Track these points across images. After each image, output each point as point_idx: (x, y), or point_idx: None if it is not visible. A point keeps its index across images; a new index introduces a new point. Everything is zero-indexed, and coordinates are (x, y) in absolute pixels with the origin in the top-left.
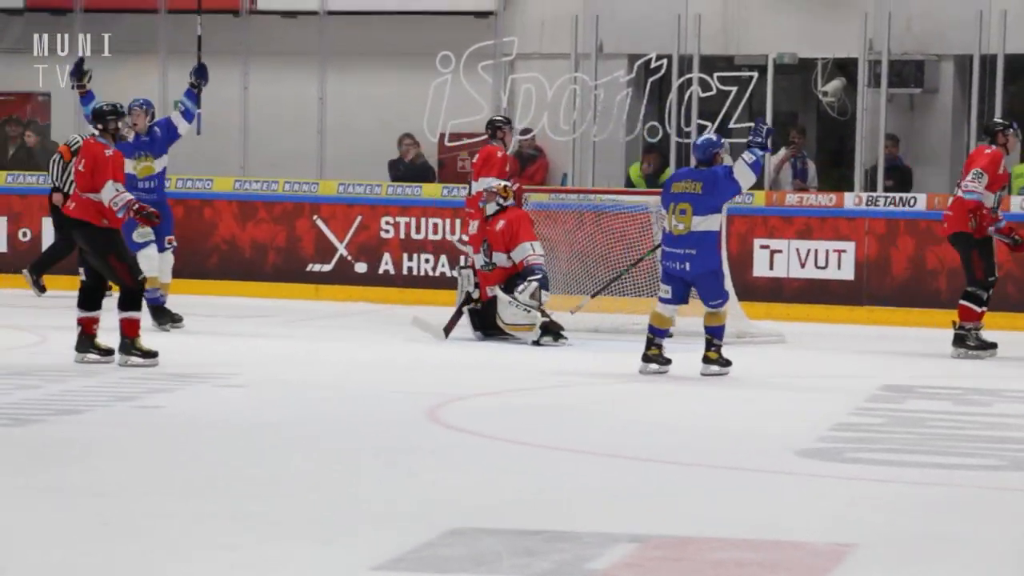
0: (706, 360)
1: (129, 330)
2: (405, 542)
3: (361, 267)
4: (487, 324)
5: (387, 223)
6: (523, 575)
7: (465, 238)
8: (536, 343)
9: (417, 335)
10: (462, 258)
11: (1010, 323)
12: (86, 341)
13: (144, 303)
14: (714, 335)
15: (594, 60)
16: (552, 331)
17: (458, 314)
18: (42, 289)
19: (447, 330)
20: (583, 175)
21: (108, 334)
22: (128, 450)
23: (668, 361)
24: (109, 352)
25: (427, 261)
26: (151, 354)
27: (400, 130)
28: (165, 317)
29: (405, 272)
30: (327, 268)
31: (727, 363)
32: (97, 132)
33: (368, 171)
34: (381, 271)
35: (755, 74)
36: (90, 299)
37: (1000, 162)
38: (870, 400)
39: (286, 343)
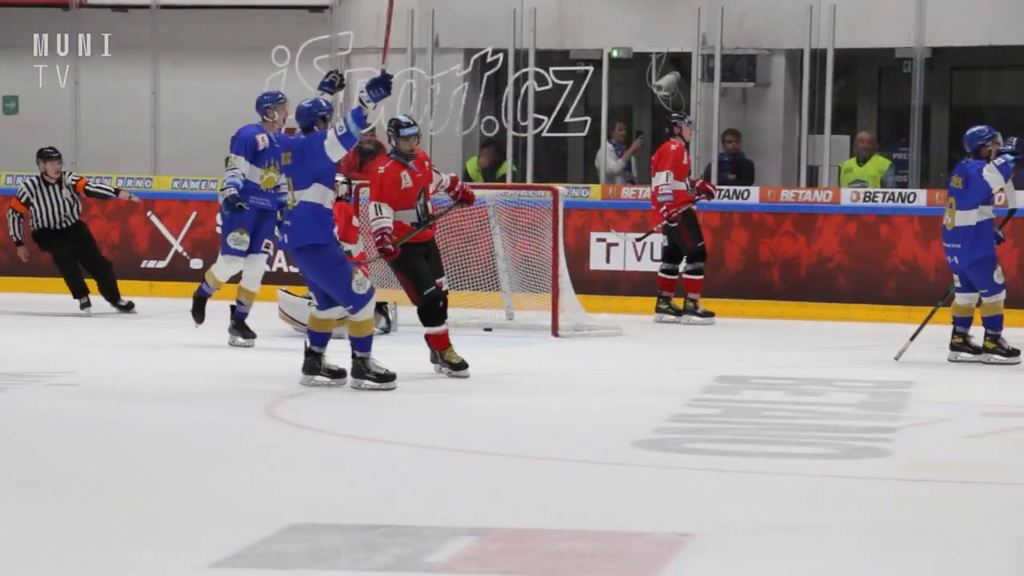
0: (984, 350)
1: (435, 343)
2: (244, 539)
3: (197, 263)
4: None
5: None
6: (362, 570)
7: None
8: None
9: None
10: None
11: (842, 314)
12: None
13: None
14: (987, 325)
15: (430, 54)
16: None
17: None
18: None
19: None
20: None
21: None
22: None
23: (979, 350)
24: (463, 366)
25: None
26: (461, 366)
27: (236, 125)
28: (242, 331)
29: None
30: (162, 264)
31: (1011, 352)
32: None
33: (203, 167)
34: None
35: (590, 68)
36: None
37: None
38: (706, 391)
39: (121, 341)
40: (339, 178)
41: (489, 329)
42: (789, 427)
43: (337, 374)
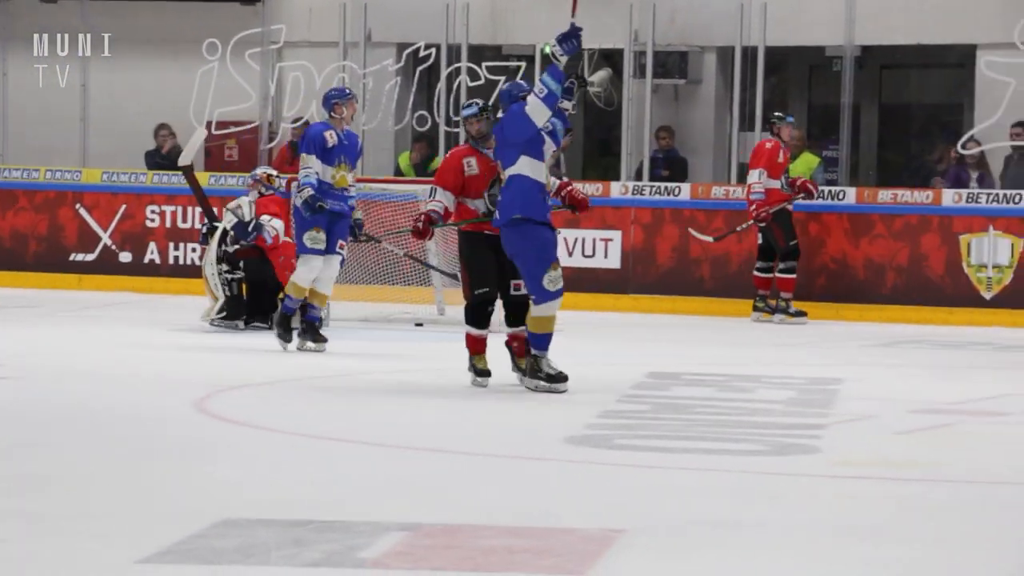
0: None
1: (469, 344)
2: (173, 534)
3: (126, 256)
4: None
5: (153, 212)
6: (292, 565)
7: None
8: (211, 322)
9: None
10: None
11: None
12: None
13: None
14: None
15: (363, 48)
16: (230, 313)
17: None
18: None
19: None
20: None
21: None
22: None
23: None
24: (485, 374)
25: (194, 250)
26: (484, 372)
27: (167, 118)
28: (312, 335)
29: (171, 261)
30: (91, 257)
31: None
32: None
33: (134, 160)
34: (147, 260)
35: (523, 64)
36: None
37: None
38: (637, 387)
39: (50, 334)
40: (272, 171)
41: (420, 324)
42: (719, 423)
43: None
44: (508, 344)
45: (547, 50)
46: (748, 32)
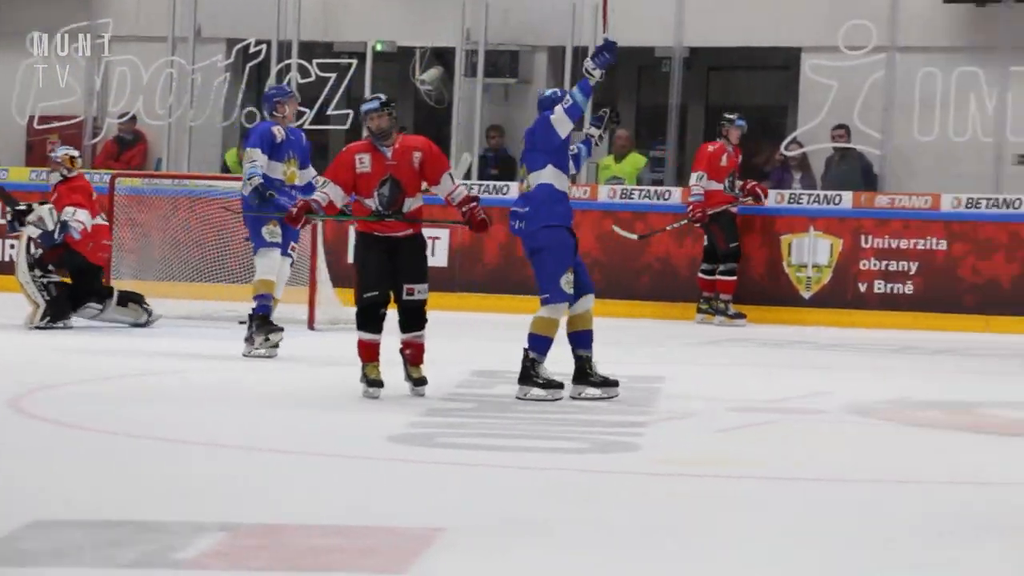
0: None
1: (359, 350)
2: None
3: None
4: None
5: None
6: (106, 567)
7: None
8: (36, 328)
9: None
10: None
11: (596, 309)
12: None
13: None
14: None
15: (191, 44)
16: (54, 316)
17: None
18: None
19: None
20: (178, 160)
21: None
22: None
23: None
24: (377, 384)
25: (12, 247)
26: (375, 383)
27: None
28: (266, 329)
29: None
30: None
31: None
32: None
33: None
34: None
35: (354, 61)
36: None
37: None
38: (461, 385)
39: None
40: (74, 153)
41: (244, 322)
42: (543, 421)
43: (610, 383)
44: (402, 351)
45: (379, 47)
46: (580, 32)
